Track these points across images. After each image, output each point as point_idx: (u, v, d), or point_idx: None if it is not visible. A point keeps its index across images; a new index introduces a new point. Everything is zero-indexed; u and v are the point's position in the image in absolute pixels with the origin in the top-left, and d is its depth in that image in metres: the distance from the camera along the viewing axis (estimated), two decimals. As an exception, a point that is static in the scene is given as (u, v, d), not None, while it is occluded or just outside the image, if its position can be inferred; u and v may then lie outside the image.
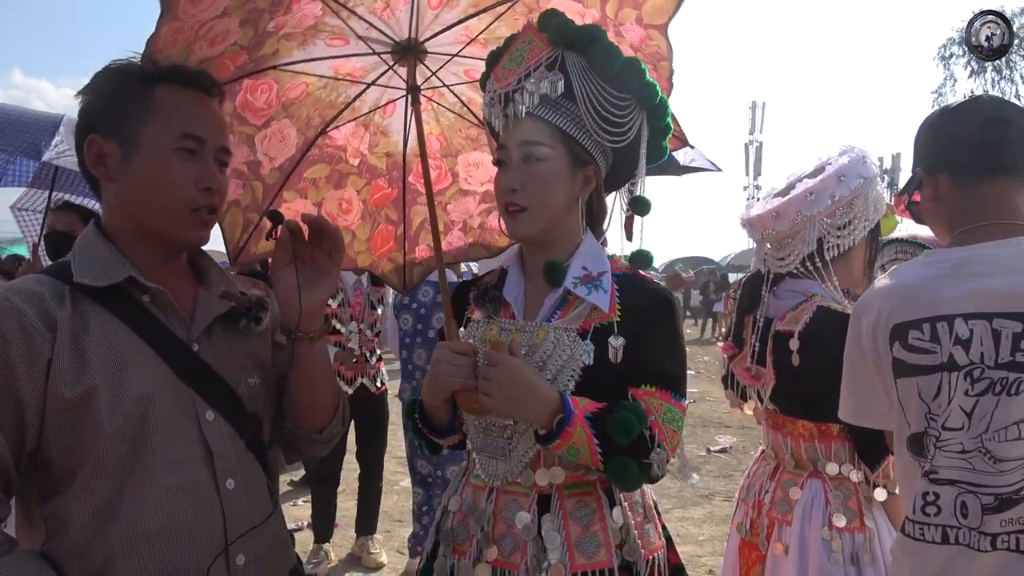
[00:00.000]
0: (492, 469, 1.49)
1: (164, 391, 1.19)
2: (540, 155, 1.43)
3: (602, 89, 1.43)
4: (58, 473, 1.15)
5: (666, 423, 1.38)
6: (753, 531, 2.01)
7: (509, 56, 1.49)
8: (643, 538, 1.47)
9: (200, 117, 1.27)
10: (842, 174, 1.87)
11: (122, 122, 1.23)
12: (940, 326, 1.33)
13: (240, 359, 1.32)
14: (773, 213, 1.92)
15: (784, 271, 1.96)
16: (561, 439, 1.31)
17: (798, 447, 1.97)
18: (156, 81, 1.26)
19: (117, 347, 1.17)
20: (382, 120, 1.89)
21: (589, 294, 1.44)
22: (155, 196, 1.23)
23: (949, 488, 1.32)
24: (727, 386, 2.17)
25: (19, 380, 1.10)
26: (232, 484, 1.23)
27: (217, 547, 1.19)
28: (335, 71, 1.73)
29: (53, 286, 1.19)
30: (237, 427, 1.27)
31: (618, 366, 1.40)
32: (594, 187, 1.52)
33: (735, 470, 6.19)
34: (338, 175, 1.88)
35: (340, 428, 1.49)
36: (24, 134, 3.92)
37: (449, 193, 1.96)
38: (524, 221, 1.46)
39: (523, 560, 1.41)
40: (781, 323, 1.94)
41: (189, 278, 1.35)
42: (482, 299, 1.55)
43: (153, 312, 1.24)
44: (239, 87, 1.61)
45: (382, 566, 4.20)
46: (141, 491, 1.15)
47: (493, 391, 1.36)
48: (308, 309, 1.33)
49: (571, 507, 1.44)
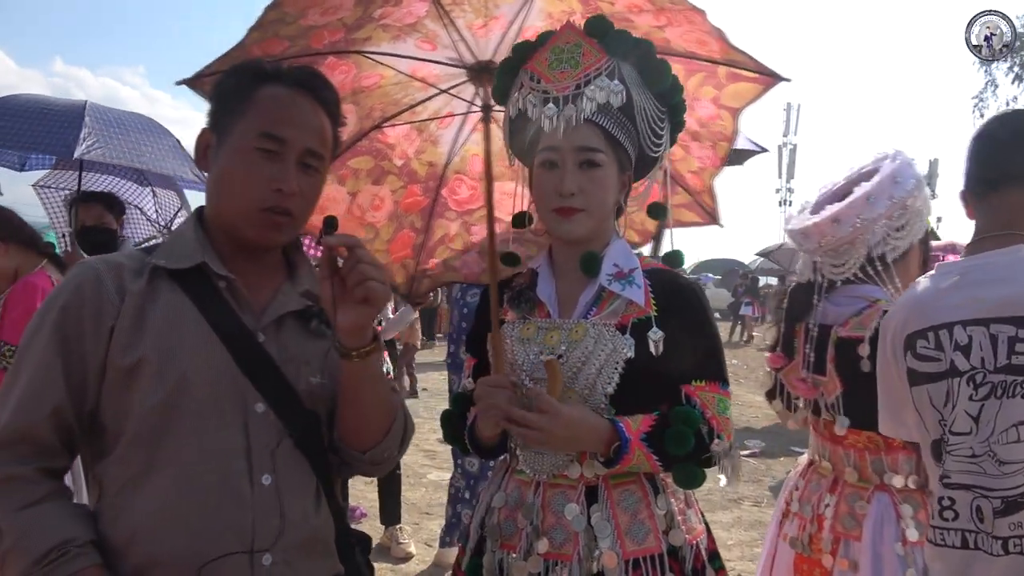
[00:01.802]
0: (537, 464, 1.51)
1: (216, 375, 1.19)
2: (598, 161, 1.47)
3: (652, 102, 1.51)
4: (108, 438, 1.18)
5: (720, 414, 1.45)
6: (813, 546, 1.97)
7: (553, 55, 1.50)
8: (686, 524, 1.51)
9: (289, 119, 1.26)
10: (897, 176, 1.86)
11: (225, 117, 1.27)
12: (942, 333, 1.40)
13: (307, 357, 1.29)
14: (832, 219, 1.89)
15: (842, 278, 1.93)
16: (621, 464, 1.40)
17: (861, 459, 1.93)
18: (265, 81, 1.27)
19: (178, 325, 1.19)
20: (436, 130, 1.91)
21: (623, 289, 1.49)
22: (228, 190, 1.26)
23: (964, 493, 1.36)
24: (775, 397, 2.14)
25: (86, 340, 1.16)
26: (268, 480, 1.19)
27: (241, 543, 1.16)
28: (412, 72, 1.75)
29: (139, 260, 1.25)
30: (287, 423, 1.24)
31: (659, 359, 1.44)
32: (626, 191, 1.58)
33: (763, 475, 6.15)
34: (379, 171, 1.89)
35: (394, 452, 1.39)
36: (52, 131, 3.93)
37: (477, 215, 1.97)
38: (580, 221, 1.49)
39: (575, 550, 1.44)
40: (844, 329, 1.91)
41: (279, 272, 1.36)
42: (516, 300, 1.58)
43: (226, 298, 1.24)
44: (323, 62, 1.62)
45: (411, 556, 4.23)
46: (170, 471, 1.15)
47: (547, 440, 1.39)
48: (342, 326, 1.22)
49: (618, 496, 1.47)
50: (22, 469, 1.13)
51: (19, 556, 1.08)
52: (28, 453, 1.14)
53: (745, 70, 1.60)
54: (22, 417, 1.14)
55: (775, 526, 2.17)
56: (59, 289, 1.22)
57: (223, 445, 1.18)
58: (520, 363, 1.52)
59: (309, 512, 1.25)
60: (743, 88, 1.64)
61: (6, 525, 1.09)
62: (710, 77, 1.64)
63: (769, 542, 2.19)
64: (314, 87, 1.31)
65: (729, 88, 1.64)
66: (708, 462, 1.43)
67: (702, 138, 1.77)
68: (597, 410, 1.45)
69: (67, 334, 1.16)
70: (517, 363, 1.52)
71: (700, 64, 1.62)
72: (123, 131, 4.17)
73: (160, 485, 1.15)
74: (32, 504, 1.11)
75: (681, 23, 1.53)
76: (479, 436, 1.55)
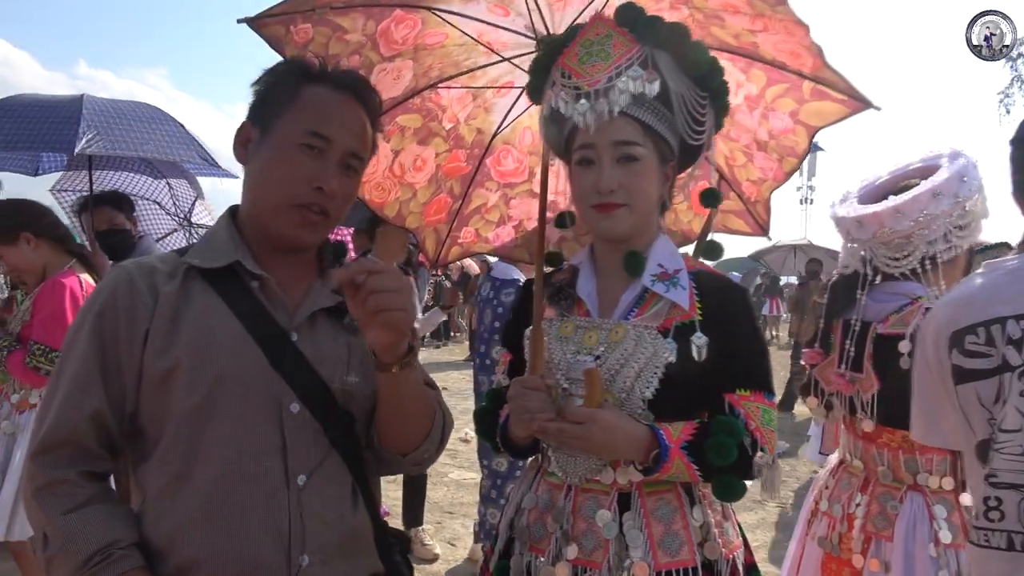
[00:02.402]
0: (570, 467, 1.48)
1: (250, 375, 1.18)
2: (636, 155, 1.42)
3: (691, 88, 1.45)
4: (147, 441, 1.19)
5: (764, 425, 1.40)
6: (843, 546, 1.94)
7: (583, 49, 1.47)
8: (723, 536, 1.46)
9: (334, 118, 1.26)
10: (964, 175, 1.83)
11: (268, 112, 1.27)
12: (994, 328, 1.34)
13: (340, 355, 1.28)
14: (894, 210, 1.85)
15: (899, 271, 1.89)
16: (660, 472, 1.36)
17: (895, 458, 1.91)
18: (311, 80, 1.28)
19: (211, 327, 1.18)
20: (492, 97, 1.87)
21: (668, 291, 1.44)
22: (266, 185, 1.25)
23: (1012, 492, 1.31)
24: (809, 393, 2.11)
25: (122, 344, 1.17)
26: (303, 480, 1.19)
27: (279, 543, 1.16)
28: (479, 35, 1.71)
29: (173, 263, 1.25)
30: (323, 423, 1.23)
31: (702, 364, 1.39)
32: (669, 183, 1.53)
33: (788, 476, 6.08)
34: (426, 132, 1.86)
35: (433, 454, 1.39)
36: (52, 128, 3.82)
37: (519, 188, 1.95)
38: (621, 217, 1.44)
39: (605, 558, 1.40)
40: (884, 326, 1.88)
41: (311, 270, 1.36)
42: (556, 297, 1.54)
43: (259, 298, 1.24)
44: (389, 13, 1.59)
45: (436, 558, 4.20)
46: (209, 472, 1.15)
47: (586, 447, 1.37)
48: (374, 346, 1.18)
49: (652, 505, 1.43)
50: (65, 473, 1.14)
51: (65, 560, 1.10)
52: (70, 457, 1.15)
53: (833, 90, 1.54)
54: (63, 422, 1.15)
55: (803, 525, 2.15)
56: (95, 294, 1.23)
57: (260, 446, 1.18)
58: (556, 361, 1.48)
59: (346, 512, 1.25)
60: (827, 107, 1.58)
61: (51, 529, 1.11)
62: (793, 90, 1.60)
63: (796, 541, 2.17)
64: (360, 91, 1.31)
65: (812, 105, 1.59)
66: (749, 474, 1.39)
67: (769, 149, 1.72)
68: (634, 415, 1.41)
69: (103, 339, 1.17)
70: (553, 361, 1.49)
71: (785, 75, 1.57)
72: (123, 121, 4.04)
73: (199, 487, 1.15)
74: (76, 508, 1.12)
75: (779, 32, 1.48)
76: (511, 436, 1.53)
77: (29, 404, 2.89)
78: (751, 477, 1.39)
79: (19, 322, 2.86)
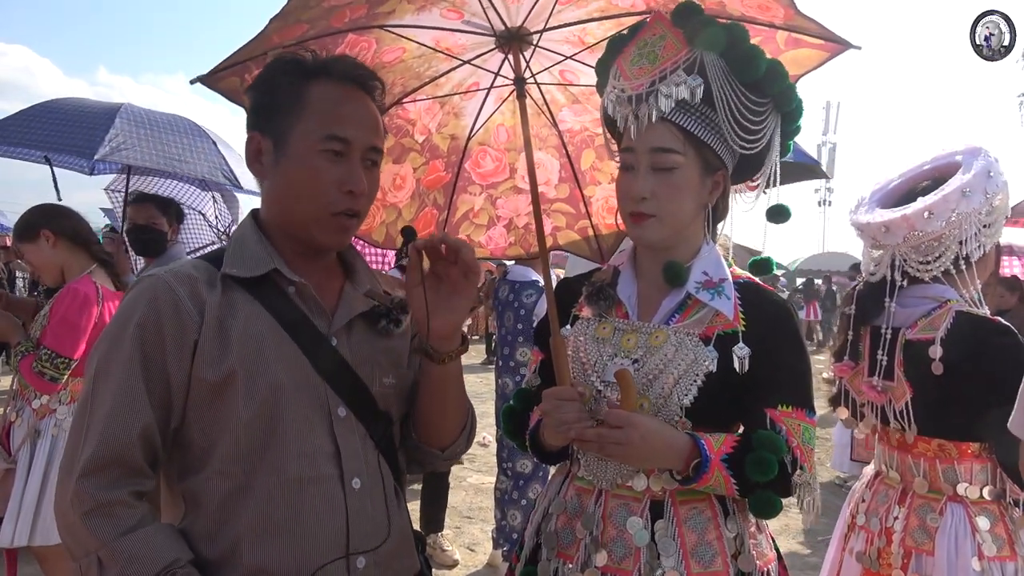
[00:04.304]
0: (600, 471, 1.45)
1: (299, 382, 1.19)
2: (672, 163, 1.39)
3: (741, 95, 1.38)
4: (196, 452, 1.17)
5: (805, 443, 1.37)
6: (882, 561, 1.89)
7: (637, 49, 1.43)
8: (756, 549, 1.42)
9: (348, 117, 1.24)
10: (991, 171, 1.79)
11: (277, 120, 1.24)
12: None
13: (377, 358, 1.30)
14: (925, 211, 1.79)
15: (930, 275, 1.83)
16: (699, 482, 1.32)
17: (932, 469, 1.85)
18: (312, 77, 1.25)
19: (259, 334, 1.18)
20: (460, 101, 1.83)
21: (712, 299, 1.41)
22: (299, 198, 1.24)
23: None
24: (839, 404, 2.05)
25: (168, 358, 1.14)
26: (358, 483, 1.21)
27: (338, 546, 1.17)
28: (436, 43, 1.68)
29: (207, 271, 1.22)
30: (368, 426, 1.26)
31: (743, 376, 1.36)
32: (721, 192, 1.48)
33: (811, 481, 6.01)
34: (400, 149, 1.83)
35: (464, 447, 1.44)
36: (81, 131, 3.91)
37: (503, 187, 1.92)
38: (651, 227, 1.42)
39: (636, 567, 1.37)
40: (912, 331, 1.84)
41: (338, 273, 1.35)
42: (595, 297, 1.50)
43: (297, 303, 1.24)
44: (342, 40, 1.56)
45: (456, 563, 4.17)
46: (271, 480, 1.15)
47: (624, 453, 1.32)
48: (438, 332, 1.28)
49: (685, 514, 1.39)
50: (118, 494, 1.10)
51: None
52: (121, 477, 1.11)
53: (808, 36, 1.49)
54: (110, 440, 1.11)
55: (838, 540, 2.08)
56: (131, 305, 1.17)
57: (316, 451, 1.19)
58: (592, 363, 1.45)
59: (393, 513, 1.27)
60: (804, 54, 1.53)
61: (106, 553, 1.07)
62: (767, 42, 1.52)
63: (832, 557, 2.11)
64: (363, 80, 1.29)
65: (788, 54, 1.52)
66: (787, 492, 1.35)
67: None
68: (671, 422, 1.38)
69: (148, 352, 1.14)
70: (589, 362, 1.46)
71: (757, 28, 1.49)
72: (154, 132, 4.11)
73: (262, 495, 1.15)
74: (132, 529, 1.09)
75: None
76: (543, 443, 1.50)
77: (50, 410, 2.90)
78: (789, 495, 1.35)
79: (39, 327, 2.87)
